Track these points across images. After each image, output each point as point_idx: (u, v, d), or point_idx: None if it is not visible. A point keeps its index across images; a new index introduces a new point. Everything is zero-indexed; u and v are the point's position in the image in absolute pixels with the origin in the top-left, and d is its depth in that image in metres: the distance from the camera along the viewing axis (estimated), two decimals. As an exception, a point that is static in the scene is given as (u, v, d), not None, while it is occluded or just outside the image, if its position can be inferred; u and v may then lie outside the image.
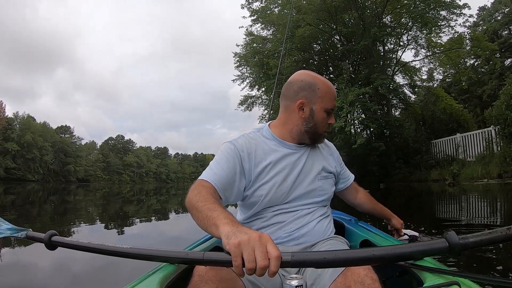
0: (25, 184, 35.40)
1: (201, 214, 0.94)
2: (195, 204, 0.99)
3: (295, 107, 1.24)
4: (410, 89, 17.89)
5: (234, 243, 0.72)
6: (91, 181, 68.74)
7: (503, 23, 23.09)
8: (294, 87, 1.25)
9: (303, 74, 1.28)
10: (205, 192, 1.04)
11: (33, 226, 5.29)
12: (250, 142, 1.24)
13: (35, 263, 2.92)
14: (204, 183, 1.10)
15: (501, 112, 9.73)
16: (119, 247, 0.94)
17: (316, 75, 1.28)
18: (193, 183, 1.12)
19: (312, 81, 1.24)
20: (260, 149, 1.24)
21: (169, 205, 10.41)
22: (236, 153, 1.19)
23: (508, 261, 2.42)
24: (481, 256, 2.43)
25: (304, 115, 1.23)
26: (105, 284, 2.35)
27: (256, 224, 1.22)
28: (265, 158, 1.22)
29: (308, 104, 1.23)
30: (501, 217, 4.53)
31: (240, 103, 20.97)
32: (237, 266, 0.71)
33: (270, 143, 1.27)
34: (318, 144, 1.35)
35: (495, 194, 7.73)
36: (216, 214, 0.89)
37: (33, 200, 11.92)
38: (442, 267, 0.92)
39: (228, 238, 0.75)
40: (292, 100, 1.25)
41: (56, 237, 1.09)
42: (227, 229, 0.78)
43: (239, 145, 1.22)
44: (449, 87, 21.66)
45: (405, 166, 14.21)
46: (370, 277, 0.84)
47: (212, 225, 0.86)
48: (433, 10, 14.76)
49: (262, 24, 18.44)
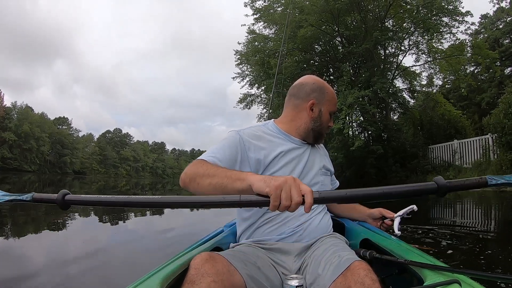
0: (21, 175, 35.28)
1: (216, 178, 1.01)
2: (204, 172, 1.05)
3: (307, 106, 1.34)
4: (409, 93, 17.96)
5: (276, 185, 0.84)
6: (87, 173, 68.51)
7: (504, 31, 23.16)
8: (306, 88, 1.36)
9: (313, 78, 1.40)
10: (210, 164, 1.11)
11: (28, 216, 5.29)
12: (258, 133, 1.31)
13: (31, 264, 2.91)
14: (204, 161, 1.13)
15: (499, 120, 9.76)
16: (146, 198, 0.94)
17: (324, 82, 1.41)
18: (190, 164, 1.15)
19: (322, 85, 1.37)
20: (269, 140, 1.30)
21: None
22: (240, 142, 1.24)
23: (507, 257, 2.44)
24: (481, 253, 2.45)
25: (313, 115, 1.34)
26: (105, 284, 2.34)
27: (261, 218, 1.23)
28: (274, 149, 1.27)
29: (318, 105, 1.34)
30: (495, 223, 4.56)
31: (240, 101, 20.96)
32: (275, 205, 0.84)
33: (277, 136, 1.34)
34: (318, 144, 1.44)
35: (490, 202, 7.77)
36: (235, 172, 1.02)
37: (29, 191, 11.88)
38: (441, 264, 0.92)
39: (265, 182, 0.87)
40: (304, 100, 1.35)
41: (69, 195, 1.01)
42: (258, 177, 0.92)
43: (245, 134, 1.27)
44: (448, 93, 21.75)
45: (402, 170, 14.25)
46: (370, 277, 0.84)
47: (236, 180, 0.97)
48: (436, 16, 14.78)
49: (264, 23, 18.44)
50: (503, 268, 2.21)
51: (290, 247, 1.16)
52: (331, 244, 1.12)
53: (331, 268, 0.94)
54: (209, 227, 2.43)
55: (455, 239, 3.23)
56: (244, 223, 1.27)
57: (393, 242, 1.19)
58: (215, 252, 0.95)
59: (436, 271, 0.87)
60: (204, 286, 0.81)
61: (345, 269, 0.89)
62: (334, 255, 1.00)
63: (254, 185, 0.90)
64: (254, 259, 1.04)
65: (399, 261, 1.00)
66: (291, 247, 1.16)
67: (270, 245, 1.17)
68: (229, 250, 1.15)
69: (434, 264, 0.91)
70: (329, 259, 1.00)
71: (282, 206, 0.84)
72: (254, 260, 1.03)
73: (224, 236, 1.38)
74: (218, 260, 0.89)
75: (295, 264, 1.13)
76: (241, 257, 1.00)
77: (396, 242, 1.20)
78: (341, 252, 1.02)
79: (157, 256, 2.98)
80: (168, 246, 3.43)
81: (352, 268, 0.88)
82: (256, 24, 18.58)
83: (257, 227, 1.23)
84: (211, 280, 0.82)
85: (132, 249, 3.37)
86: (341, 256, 0.97)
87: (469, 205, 6.98)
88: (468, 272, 0.84)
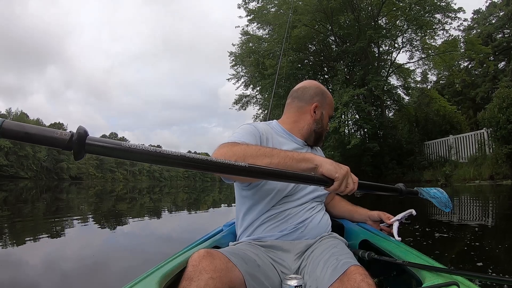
0: (18, 181, 35.01)
1: (276, 157, 1.04)
2: (257, 152, 1.05)
3: (311, 108, 1.40)
4: (404, 90, 18.03)
5: (343, 173, 1.01)
6: (84, 178, 68.23)
7: (497, 26, 23.35)
8: (310, 92, 1.43)
9: (314, 83, 1.48)
10: (255, 145, 1.13)
11: (25, 223, 5.26)
12: (268, 129, 1.36)
13: (24, 265, 2.90)
14: (239, 143, 1.12)
15: (493, 115, 9.82)
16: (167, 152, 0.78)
17: (323, 86, 1.49)
18: (221, 145, 1.10)
19: (323, 90, 1.45)
20: (276, 137, 1.36)
21: (163, 204, 10.38)
22: (258, 133, 1.28)
23: (506, 259, 2.46)
24: (480, 253, 2.47)
25: (316, 117, 1.41)
26: (104, 284, 2.34)
27: (264, 215, 1.24)
28: (280, 146, 1.29)
29: (320, 108, 1.41)
30: (492, 217, 4.59)
31: (235, 102, 20.98)
32: (336, 188, 1.01)
33: (282, 135, 1.39)
34: (317, 146, 1.50)
35: (487, 195, 7.81)
36: (294, 152, 1.07)
37: (26, 197, 11.82)
38: (440, 266, 0.92)
39: (335, 168, 1.01)
40: (307, 103, 1.41)
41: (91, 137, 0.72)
42: (325, 160, 1.04)
43: (260, 128, 1.32)
44: (442, 89, 21.88)
45: (398, 167, 14.31)
46: (366, 282, 0.84)
47: (302, 160, 1.05)
48: (428, 13, 14.87)
49: (258, 24, 18.45)
50: (502, 268, 2.23)
51: (290, 246, 1.17)
52: (330, 245, 1.12)
53: (328, 271, 0.95)
54: (209, 228, 2.44)
55: (454, 238, 3.24)
56: (245, 221, 1.27)
57: (392, 243, 1.19)
58: (213, 249, 0.94)
59: (434, 272, 0.88)
60: (202, 282, 0.80)
61: (341, 274, 0.90)
62: (333, 258, 1.00)
63: (323, 167, 1.02)
64: (253, 257, 1.04)
65: (397, 263, 1.00)
66: (292, 246, 1.17)
67: (271, 243, 1.17)
68: (229, 247, 1.15)
69: (433, 266, 0.91)
70: (327, 261, 1.00)
71: (341, 190, 1.02)
72: (253, 258, 1.03)
73: (223, 235, 1.38)
74: (216, 256, 0.89)
75: (294, 263, 1.13)
76: (240, 254, 1.00)
77: (395, 243, 1.20)
78: (339, 254, 1.02)
79: (157, 256, 2.97)
80: (167, 244, 3.43)
81: (348, 273, 0.89)
82: (249, 25, 18.63)
83: (259, 224, 1.23)
84: (209, 277, 0.82)
85: (132, 251, 3.36)
86: (339, 260, 0.97)
87: (466, 200, 7.01)
88: (467, 274, 0.84)
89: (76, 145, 0.68)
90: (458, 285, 0.78)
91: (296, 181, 1.02)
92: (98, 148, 0.72)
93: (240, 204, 1.31)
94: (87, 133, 0.70)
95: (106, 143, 0.73)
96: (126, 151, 0.74)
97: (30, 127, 0.67)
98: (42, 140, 0.67)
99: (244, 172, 0.88)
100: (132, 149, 0.74)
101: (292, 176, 0.97)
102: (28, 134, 0.66)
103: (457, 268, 0.84)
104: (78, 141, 0.68)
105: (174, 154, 0.79)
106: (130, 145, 0.74)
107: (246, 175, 0.89)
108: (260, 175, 0.93)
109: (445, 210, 1.38)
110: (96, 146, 0.71)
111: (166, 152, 0.77)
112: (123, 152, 0.73)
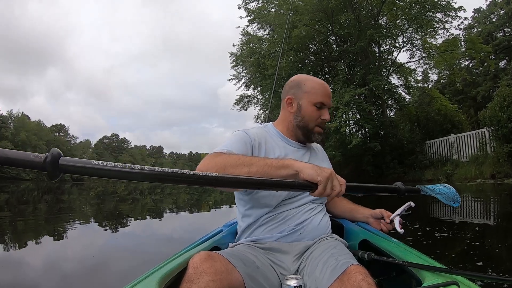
0: (19, 183, 35.08)
1: (255, 166, 1.03)
2: (237, 161, 1.05)
3: (285, 103, 1.38)
4: (405, 90, 17.99)
5: (326, 176, 0.97)
6: (85, 180, 68.19)
7: (498, 25, 23.25)
8: (286, 87, 1.41)
9: (297, 76, 1.42)
10: (237, 154, 1.11)
11: (27, 224, 5.27)
12: (262, 134, 1.34)
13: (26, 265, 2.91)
14: (223, 153, 1.12)
15: (494, 114, 9.81)
16: (179, 172, 0.81)
17: (309, 76, 1.41)
18: (206, 157, 1.12)
19: (300, 80, 1.38)
20: (270, 141, 1.34)
21: (164, 204, 10.38)
22: (249, 140, 1.26)
23: (506, 258, 2.46)
24: (479, 254, 2.47)
25: (292, 110, 1.36)
26: (104, 284, 2.34)
27: (263, 217, 1.23)
28: (274, 151, 1.30)
29: (296, 100, 1.35)
30: (493, 216, 4.59)
31: (236, 102, 20.98)
32: (321, 192, 0.97)
33: (277, 139, 1.37)
34: (313, 142, 1.42)
35: (488, 194, 7.79)
36: (273, 159, 1.06)
37: (28, 199, 11.84)
38: (440, 266, 0.92)
39: (316, 171, 0.98)
40: (283, 98, 1.40)
41: (64, 158, 0.75)
42: (306, 164, 1.01)
43: (252, 134, 1.30)
44: (443, 88, 21.83)
45: (399, 166, 14.26)
46: (366, 281, 0.84)
47: (281, 167, 1.02)
48: (429, 12, 14.83)
49: (258, 24, 18.45)
50: (503, 268, 2.23)
51: (289, 247, 1.16)
52: (330, 246, 1.12)
53: (328, 272, 0.95)
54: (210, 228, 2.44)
55: (454, 238, 3.24)
56: (244, 222, 1.27)
57: (391, 243, 1.19)
58: (213, 251, 0.95)
59: (434, 272, 0.88)
60: (202, 285, 0.81)
61: (341, 273, 0.90)
62: (332, 258, 1.00)
63: (304, 172, 0.99)
64: (253, 258, 1.04)
65: (397, 263, 1.00)
66: (290, 248, 1.16)
67: (270, 245, 1.17)
68: (228, 249, 1.15)
69: (433, 265, 0.91)
70: (327, 261, 1.00)
71: (327, 194, 0.98)
72: (253, 259, 1.03)
73: (222, 236, 1.38)
74: (217, 259, 0.89)
75: (293, 264, 1.13)
76: (240, 256, 1.00)
77: (395, 243, 1.19)
78: (338, 255, 1.02)
79: (157, 257, 2.98)
80: (169, 244, 3.42)
81: (348, 272, 0.89)
82: (250, 26, 18.63)
83: (258, 225, 1.23)
84: (209, 279, 0.82)
85: (132, 251, 3.37)
86: (338, 260, 0.97)
87: (467, 199, 7.00)
88: (467, 273, 0.84)
89: (50, 166, 0.71)
90: (458, 285, 0.78)
91: (278, 188, 1.01)
92: (71, 168, 0.75)
93: (239, 205, 1.32)
94: (60, 154, 0.73)
95: (78, 163, 0.76)
96: (98, 169, 0.76)
97: (9, 151, 0.70)
98: (20, 163, 0.71)
99: (221, 183, 0.88)
100: (102, 166, 0.76)
101: (273, 184, 0.97)
102: (8, 158, 0.70)
103: (457, 268, 0.84)
104: (51, 163, 0.71)
105: (145, 170, 0.79)
106: (100, 163, 0.76)
107: (227, 185, 0.90)
108: (239, 185, 0.94)
109: (453, 205, 1.35)
110: (69, 166, 0.74)
111: (137, 168, 0.79)
112: (95, 170, 0.76)
